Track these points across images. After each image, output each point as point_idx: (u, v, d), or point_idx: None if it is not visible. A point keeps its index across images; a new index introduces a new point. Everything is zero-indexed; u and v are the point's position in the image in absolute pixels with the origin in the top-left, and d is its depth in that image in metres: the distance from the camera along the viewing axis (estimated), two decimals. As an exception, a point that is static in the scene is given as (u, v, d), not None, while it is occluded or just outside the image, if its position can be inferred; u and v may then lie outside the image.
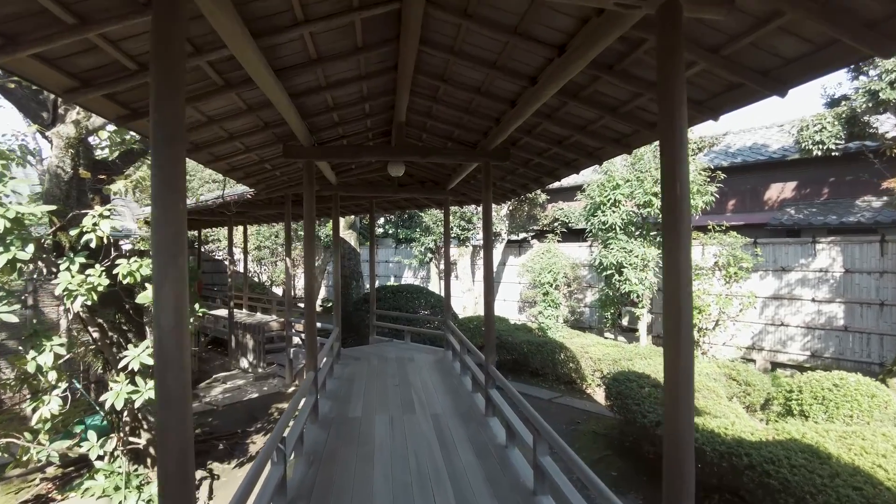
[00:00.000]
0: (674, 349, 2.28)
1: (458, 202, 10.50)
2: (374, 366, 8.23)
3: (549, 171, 6.55)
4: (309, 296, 5.57)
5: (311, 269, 5.59)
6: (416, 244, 17.19)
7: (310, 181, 5.60)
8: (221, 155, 5.47)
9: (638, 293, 9.84)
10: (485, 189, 5.84)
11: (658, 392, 6.29)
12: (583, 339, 10.77)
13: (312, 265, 5.59)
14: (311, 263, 5.59)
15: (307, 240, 5.59)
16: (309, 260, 5.59)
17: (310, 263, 5.59)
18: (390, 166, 7.58)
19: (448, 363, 8.41)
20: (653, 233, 10.02)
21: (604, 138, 4.84)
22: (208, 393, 9.57)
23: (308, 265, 5.58)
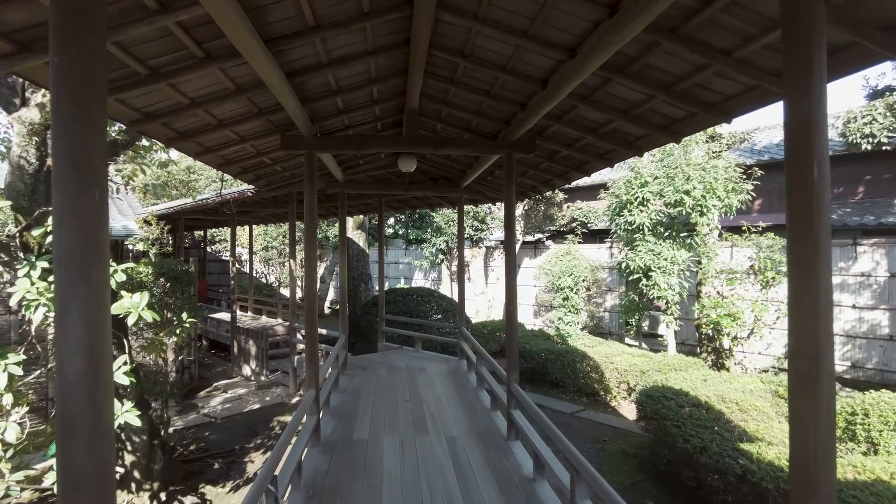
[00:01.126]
0: (807, 393, 1.63)
1: (472, 201, 9.86)
2: (383, 377, 7.61)
3: (577, 165, 5.89)
4: (310, 303, 4.96)
5: (313, 273, 4.98)
6: (428, 245, 16.58)
7: (311, 176, 4.98)
8: (212, 146, 4.87)
9: (667, 299, 9.13)
10: (507, 184, 5.19)
11: (701, 412, 5.60)
12: (606, 347, 10.08)
13: (314, 269, 4.99)
14: (312, 267, 4.98)
15: (309, 241, 4.99)
16: (310, 263, 4.98)
17: (311, 267, 4.98)
18: (401, 161, 6.95)
19: (462, 374, 7.77)
20: (682, 234, 9.30)
21: (649, 125, 4.17)
22: (207, 403, 9.00)
23: (309, 269, 4.98)
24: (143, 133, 4.00)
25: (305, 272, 5.01)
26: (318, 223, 4.94)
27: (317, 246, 5.06)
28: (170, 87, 3.37)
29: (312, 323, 5.03)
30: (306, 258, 5.00)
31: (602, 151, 5.22)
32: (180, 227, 14.19)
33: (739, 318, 8.71)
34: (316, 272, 5.02)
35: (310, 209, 4.98)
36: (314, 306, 5.00)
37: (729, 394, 5.96)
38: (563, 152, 5.54)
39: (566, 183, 6.65)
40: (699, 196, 8.61)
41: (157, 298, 6.67)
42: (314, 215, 5.00)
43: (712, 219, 8.87)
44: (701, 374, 7.35)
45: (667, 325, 9.78)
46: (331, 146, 5.02)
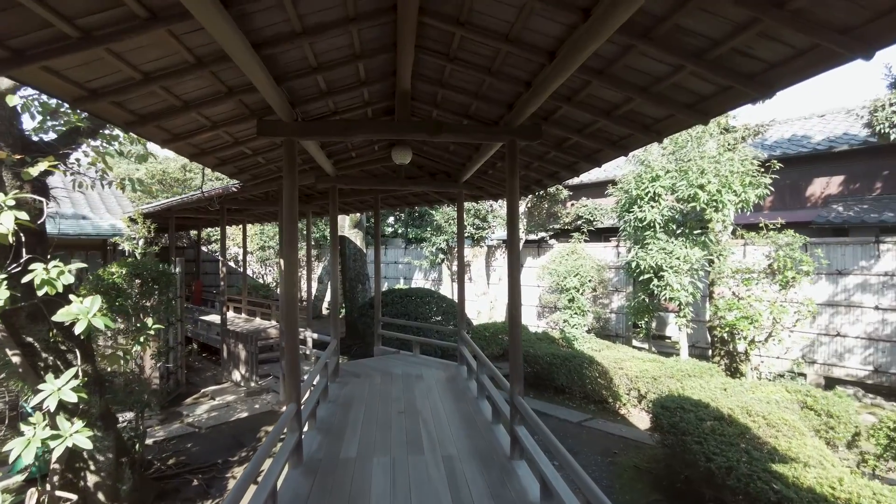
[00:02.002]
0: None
1: (473, 197, 9.33)
2: (377, 385, 7.10)
3: (588, 155, 5.36)
4: (289, 307, 4.44)
5: (292, 273, 4.46)
6: (427, 244, 16.06)
7: (291, 166, 4.47)
8: (180, 132, 4.36)
9: (680, 300, 8.59)
10: (509, 177, 4.67)
11: (724, 427, 5.07)
12: (614, 351, 9.54)
13: (294, 270, 4.47)
14: (291, 268, 4.46)
15: (288, 238, 4.47)
16: (289, 263, 4.46)
17: (290, 267, 4.46)
18: (395, 152, 6.44)
19: (462, 382, 7.25)
20: (696, 231, 8.76)
21: (673, 104, 3.64)
22: (192, 411, 8.50)
23: (288, 269, 4.46)
24: (93, 114, 3.49)
25: (284, 273, 4.50)
26: (298, 218, 4.42)
27: (297, 243, 4.54)
28: (112, 55, 2.85)
29: (292, 329, 4.51)
30: (285, 257, 4.48)
31: (616, 138, 4.69)
32: (171, 226, 13.71)
33: (757, 321, 8.18)
34: (296, 273, 4.50)
35: (289, 203, 4.46)
36: (294, 311, 4.48)
37: (753, 405, 5.43)
38: (571, 139, 5.01)
39: (574, 175, 6.12)
40: (714, 191, 8.07)
41: (132, 301, 6.17)
42: (294, 209, 4.48)
43: (728, 215, 8.34)
44: (719, 381, 6.82)
45: (679, 328, 9.25)
46: (313, 132, 4.50)
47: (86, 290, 5.89)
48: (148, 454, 6.62)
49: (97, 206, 13.30)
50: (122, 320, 6.12)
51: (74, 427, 3.55)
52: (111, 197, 14.15)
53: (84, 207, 13.02)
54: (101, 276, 5.86)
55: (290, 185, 4.46)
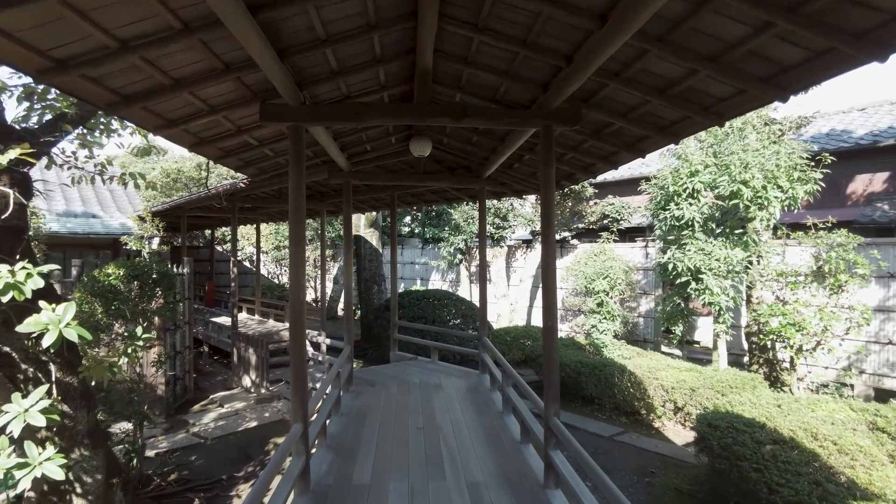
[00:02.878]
0: None
1: (495, 194, 8.78)
2: (393, 395, 6.58)
3: (630, 143, 4.77)
4: (296, 313, 3.94)
5: (300, 275, 3.96)
6: (445, 244, 15.52)
7: (298, 155, 3.96)
8: (175, 117, 3.88)
9: (720, 305, 7.93)
10: (544, 166, 4.10)
11: (787, 453, 4.45)
12: (647, 359, 8.90)
13: (301, 271, 3.96)
14: (299, 268, 3.96)
15: (295, 235, 3.97)
16: (297, 262, 3.95)
17: (298, 268, 3.95)
18: (414, 144, 5.91)
19: (485, 393, 6.70)
20: (738, 231, 8.08)
21: (747, 77, 3.05)
22: (199, 420, 8.07)
23: (296, 270, 3.95)
24: (64, 90, 3.01)
25: (291, 274, 3.99)
26: (306, 215, 3.91)
27: (304, 242, 4.04)
28: (76, 14, 2.36)
29: (299, 337, 4.00)
30: (291, 256, 3.98)
31: (666, 122, 4.10)
32: (183, 225, 13.36)
33: (806, 329, 7.49)
34: (303, 274, 3.99)
35: (296, 197, 3.96)
36: (301, 316, 3.97)
37: (818, 427, 4.79)
38: (614, 125, 4.43)
39: (612, 167, 5.53)
40: (759, 187, 7.40)
41: (131, 305, 5.73)
42: (301, 204, 3.97)
43: (773, 213, 7.66)
44: (770, 396, 6.16)
45: (717, 335, 8.58)
46: (322, 117, 3.98)
47: (81, 292, 5.47)
48: (148, 468, 6.19)
49: (108, 205, 13.02)
50: (120, 324, 5.68)
51: (45, 454, 3.08)
52: (123, 195, 13.88)
53: (95, 206, 12.75)
54: (97, 277, 5.43)
55: (297, 177, 3.95)
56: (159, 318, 6.85)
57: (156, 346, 7.99)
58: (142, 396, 5.75)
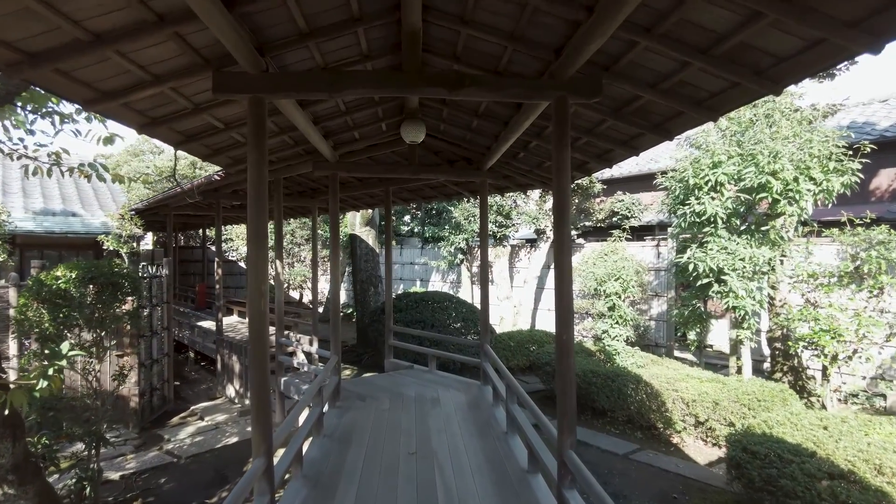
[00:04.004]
0: None
1: (498, 188, 8.06)
2: (384, 411, 5.89)
3: (657, 124, 4.07)
4: (254, 321, 3.23)
5: (261, 274, 3.25)
6: (445, 244, 14.83)
7: (258, 134, 3.26)
8: (108, 88, 3.20)
9: (745, 309, 7.21)
10: (558, 147, 3.39)
11: (850, 490, 3.73)
12: (663, 368, 8.19)
13: (261, 274, 3.25)
14: (259, 270, 3.25)
15: (255, 231, 3.26)
16: (256, 264, 3.25)
17: (257, 271, 3.25)
18: (405, 129, 5.23)
19: (486, 408, 6.00)
20: (764, 228, 7.35)
21: (827, 24, 2.34)
22: (175, 435, 7.39)
23: (254, 274, 3.25)
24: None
25: (249, 279, 3.29)
26: (267, 207, 3.21)
27: (266, 239, 3.35)
28: None
29: (260, 353, 3.31)
30: (250, 257, 3.28)
31: (705, 94, 3.39)
32: (169, 224, 12.72)
33: (842, 335, 6.77)
34: (263, 278, 3.28)
35: (256, 185, 3.26)
36: (262, 328, 3.27)
37: (881, 457, 4.07)
38: (640, 100, 3.73)
39: (631, 154, 4.82)
40: (790, 179, 6.68)
41: (88, 311, 5.05)
42: (262, 194, 3.27)
43: (805, 207, 6.94)
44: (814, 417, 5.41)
45: (739, 342, 7.86)
46: (287, 87, 3.29)
47: (25, 298, 4.79)
48: (108, 495, 5.50)
49: (90, 203, 12.36)
50: (72, 336, 5.01)
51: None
52: (107, 192, 13.22)
53: (75, 203, 12.09)
54: (43, 281, 4.75)
55: (257, 163, 3.25)
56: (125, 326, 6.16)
57: (127, 354, 7.32)
58: (99, 414, 5.06)
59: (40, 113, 4.96)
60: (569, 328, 3.40)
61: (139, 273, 7.33)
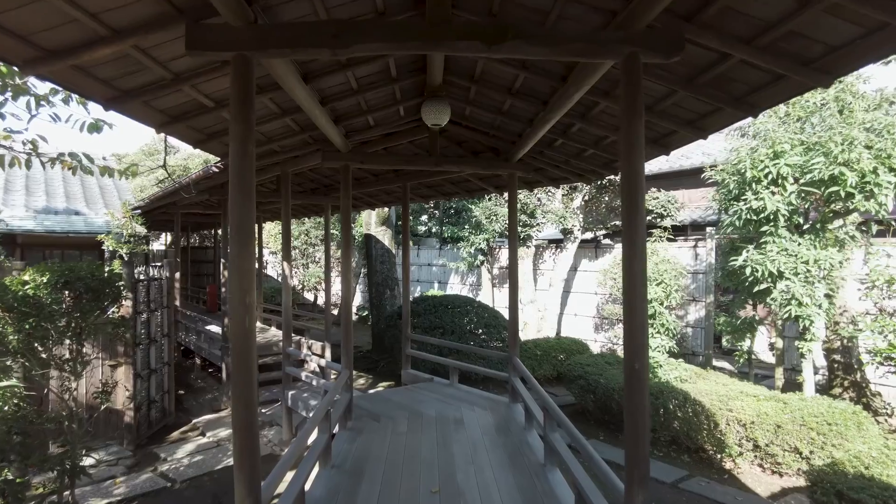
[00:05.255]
0: None
1: (527, 183, 7.30)
2: (401, 435, 5.16)
3: (738, 97, 3.27)
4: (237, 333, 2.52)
5: (245, 285, 2.54)
6: (465, 244, 14.07)
7: (244, 100, 2.56)
8: (52, 45, 2.51)
9: (811, 318, 6.34)
10: (627, 117, 2.64)
11: None
12: (710, 383, 7.33)
13: (247, 274, 2.54)
14: (244, 270, 2.54)
15: (236, 225, 2.56)
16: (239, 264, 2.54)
17: (242, 271, 2.54)
18: (426, 110, 4.50)
19: (518, 433, 5.24)
20: (833, 226, 6.47)
21: None
22: (172, 453, 6.75)
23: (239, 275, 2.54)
24: None
25: (231, 282, 2.57)
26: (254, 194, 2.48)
27: (253, 234, 2.64)
28: None
29: (246, 373, 2.59)
30: (232, 258, 2.58)
31: (818, 51, 2.60)
32: (177, 223, 12.17)
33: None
34: (249, 279, 2.57)
35: (241, 163, 2.55)
36: (248, 351, 2.56)
37: None
38: (726, 62, 2.93)
39: (697, 137, 4.02)
40: (868, 169, 5.79)
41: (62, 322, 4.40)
42: (247, 174, 2.56)
43: (885, 202, 6.04)
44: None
45: (801, 355, 6.97)
46: (281, 43, 2.57)
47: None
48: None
49: (94, 201, 11.85)
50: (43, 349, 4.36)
51: None
52: (113, 190, 12.72)
53: (79, 202, 11.59)
54: (7, 286, 4.10)
55: (242, 135, 2.54)
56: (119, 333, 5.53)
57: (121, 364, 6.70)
58: (74, 439, 4.41)
59: (9, 93, 4.32)
60: (641, 354, 2.63)
61: (135, 276, 6.71)
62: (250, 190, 2.56)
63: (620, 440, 7.24)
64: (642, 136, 2.62)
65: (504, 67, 3.94)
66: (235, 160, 2.54)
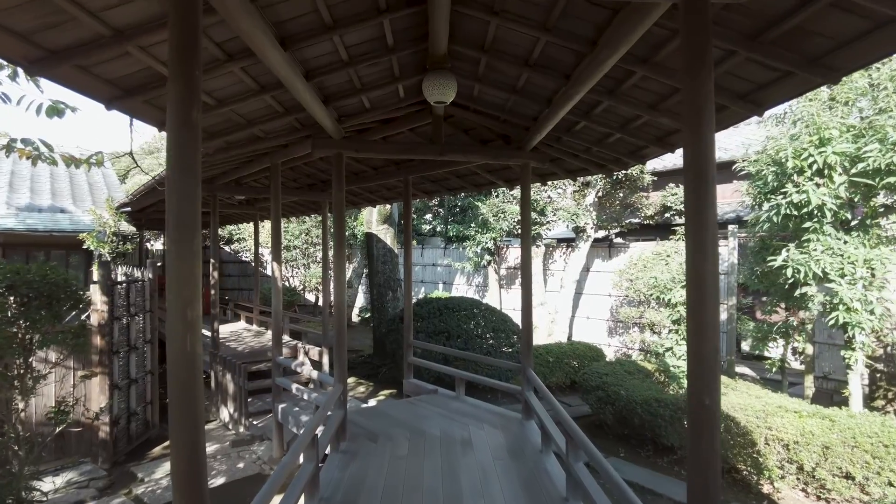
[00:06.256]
0: None
1: (541, 175, 6.66)
2: (401, 461, 4.52)
3: (814, 58, 2.62)
4: (181, 381, 1.91)
5: (185, 298, 1.93)
6: (471, 243, 13.43)
7: (185, 49, 1.93)
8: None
9: (861, 325, 5.65)
10: (690, 71, 2.00)
11: None
12: (743, 395, 6.64)
13: (190, 284, 1.93)
14: (184, 275, 1.93)
15: (174, 211, 1.94)
16: (181, 265, 1.93)
17: (184, 269, 1.93)
18: (428, 84, 3.87)
19: (534, 456, 4.59)
20: (888, 221, 5.78)
21: None
22: (151, 473, 6.14)
23: (177, 283, 1.93)
24: None
25: (170, 290, 1.95)
26: (199, 173, 1.84)
27: (197, 228, 2.02)
28: None
29: (189, 435, 1.96)
30: (170, 254, 1.97)
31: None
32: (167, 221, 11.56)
33: None
34: (193, 290, 1.94)
35: (179, 133, 1.92)
36: (192, 379, 1.95)
37: None
38: (807, 8, 2.28)
39: (752, 114, 3.36)
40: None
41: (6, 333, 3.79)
42: (192, 150, 1.93)
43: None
44: None
45: (848, 366, 6.29)
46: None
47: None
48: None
49: (82, 198, 11.29)
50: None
51: None
52: (102, 187, 12.15)
53: (65, 199, 11.03)
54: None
55: (182, 97, 1.92)
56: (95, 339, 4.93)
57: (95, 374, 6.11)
58: (21, 465, 3.80)
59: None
60: (712, 385, 1.99)
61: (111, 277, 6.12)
62: (193, 168, 1.93)
63: (643, 457, 6.60)
64: (712, 94, 1.97)
65: (520, 31, 3.30)
66: (174, 129, 1.92)
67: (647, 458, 6.57)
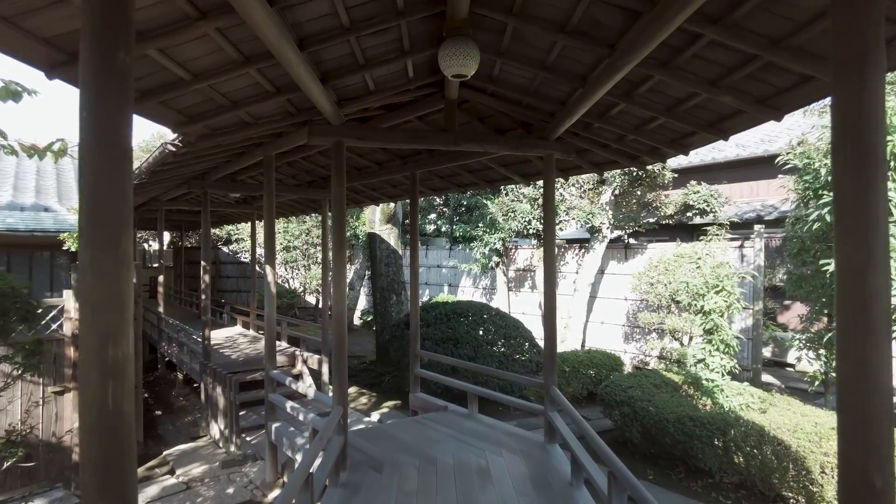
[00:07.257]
0: None
1: (563, 171, 6.03)
2: (410, 497, 3.90)
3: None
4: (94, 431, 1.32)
5: (108, 319, 1.34)
6: (478, 244, 12.81)
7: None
8: None
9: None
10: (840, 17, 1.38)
11: None
12: (788, 413, 5.99)
13: (122, 273, 1.35)
14: (105, 287, 1.34)
15: (89, 184, 1.36)
16: (96, 275, 1.35)
17: (97, 288, 1.34)
18: (444, 54, 3.24)
19: (562, 489, 3.97)
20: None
21: None
22: (130, 499, 5.52)
23: (89, 300, 1.35)
24: None
25: (80, 307, 1.34)
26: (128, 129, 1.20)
27: (130, 222, 1.44)
28: None
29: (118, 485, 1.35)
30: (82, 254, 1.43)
31: None
32: (160, 221, 10.99)
33: None
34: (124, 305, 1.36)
35: (94, 78, 1.30)
36: (121, 422, 1.36)
37: None
38: None
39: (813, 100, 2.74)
40: None
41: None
42: (119, 106, 1.31)
43: None
44: None
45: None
46: None
47: None
48: None
49: (68, 196, 10.69)
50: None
51: None
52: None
53: (50, 197, 10.44)
54: None
55: (98, 30, 1.29)
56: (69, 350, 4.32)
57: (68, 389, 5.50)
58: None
59: None
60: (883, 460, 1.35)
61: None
62: (120, 137, 1.31)
63: (674, 480, 5.97)
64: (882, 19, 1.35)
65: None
66: (88, 78, 1.29)
67: (678, 482, 5.94)
